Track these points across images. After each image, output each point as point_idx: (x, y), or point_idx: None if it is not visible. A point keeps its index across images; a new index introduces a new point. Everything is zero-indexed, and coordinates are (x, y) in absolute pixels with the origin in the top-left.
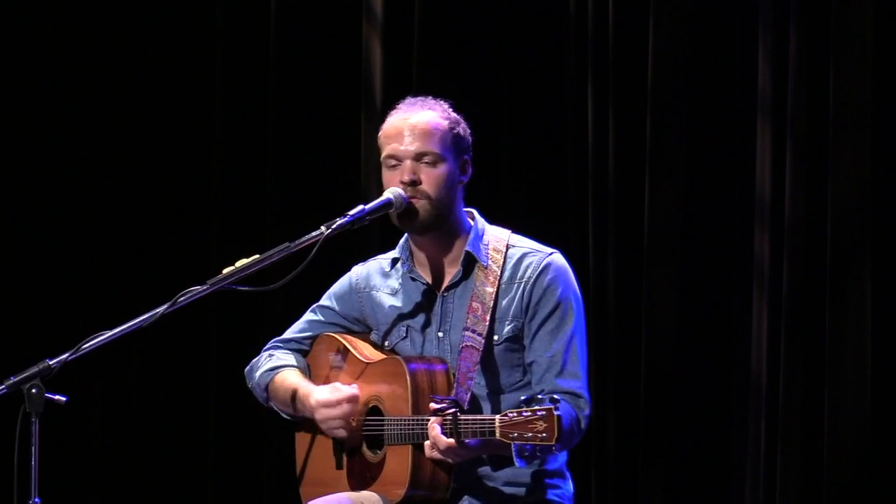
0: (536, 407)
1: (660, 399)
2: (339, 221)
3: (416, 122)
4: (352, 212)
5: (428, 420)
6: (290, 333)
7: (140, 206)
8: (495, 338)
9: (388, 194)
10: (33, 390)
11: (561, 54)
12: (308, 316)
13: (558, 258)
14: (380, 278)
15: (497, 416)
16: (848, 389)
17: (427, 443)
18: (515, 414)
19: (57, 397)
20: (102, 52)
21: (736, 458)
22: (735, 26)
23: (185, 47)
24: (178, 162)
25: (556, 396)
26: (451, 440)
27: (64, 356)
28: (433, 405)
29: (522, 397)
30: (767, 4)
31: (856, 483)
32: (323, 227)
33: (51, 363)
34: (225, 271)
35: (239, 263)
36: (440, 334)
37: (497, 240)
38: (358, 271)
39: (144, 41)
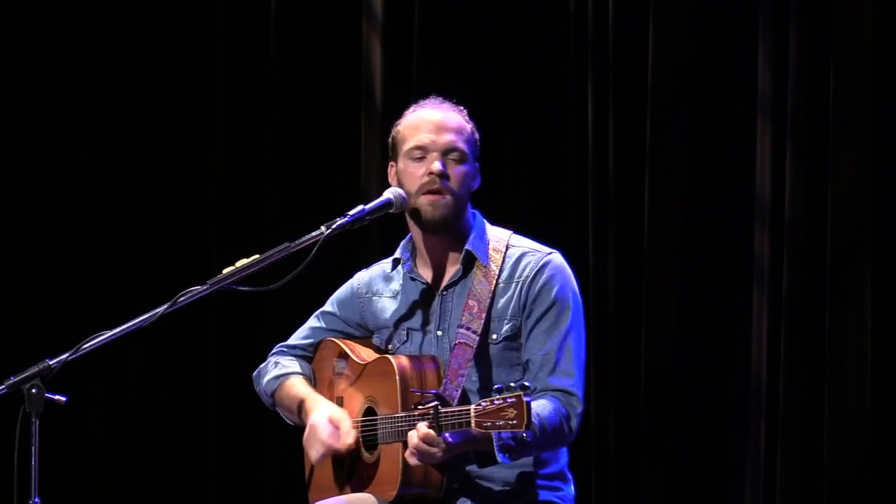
0: (507, 394)
1: (660, 399)
2: (339, 221)
3: (447, 118)
4: (352, 212)
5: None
6: (294, 340)
7: (140, 206)
8: (493, 336)
9: (388, 194)
10: (33, 390)
11: (561, 54)
12: (311, 322)
13: (557, 258)
14: (382, 283)
15: (472, 406)
16: (848, 389)
17: (409, 442)
18: (488, 403)
19: (57, 397)
20: (102, 52)
21: (736, 458)
22: (735, 26)
23: (185, 47)
24: (178, 162)
25: (526, 384)
26: (433, 432)
27: (64, 356)
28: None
29: (496, 386)
30: (767, 4)
31: (856, 483)
32: (323, 227)
33: (51, 363)
34: (225, 271)
35: (239, 263)
36: (439, 333)
37: (497, 240)
38: (360, 277)
39: (144, 41)
